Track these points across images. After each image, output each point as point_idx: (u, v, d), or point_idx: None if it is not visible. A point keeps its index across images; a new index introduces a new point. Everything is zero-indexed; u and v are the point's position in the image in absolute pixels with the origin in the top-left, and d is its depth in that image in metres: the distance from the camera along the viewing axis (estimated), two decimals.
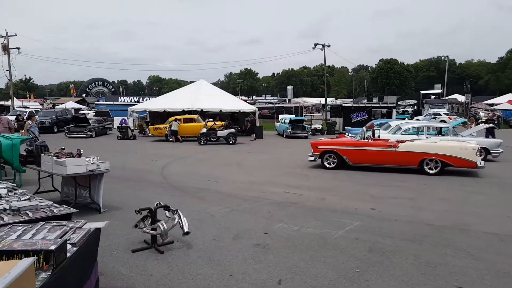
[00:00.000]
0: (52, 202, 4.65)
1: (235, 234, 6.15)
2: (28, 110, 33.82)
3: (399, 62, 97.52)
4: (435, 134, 15.11)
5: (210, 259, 5.11)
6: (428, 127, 15.54)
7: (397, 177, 11.47)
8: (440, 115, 34.77)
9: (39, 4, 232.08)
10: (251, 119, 26.37)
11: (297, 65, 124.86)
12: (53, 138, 24.59)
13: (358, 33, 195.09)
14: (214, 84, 60.98)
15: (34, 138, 11.43)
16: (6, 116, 14.10)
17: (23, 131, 13.76)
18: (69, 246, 3.06)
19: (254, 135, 24.65)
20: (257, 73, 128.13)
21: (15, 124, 16.23)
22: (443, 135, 14.90)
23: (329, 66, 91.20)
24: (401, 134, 14.83)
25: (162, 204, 5.83)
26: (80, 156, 7.19)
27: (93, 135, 26.40)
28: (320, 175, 11.80)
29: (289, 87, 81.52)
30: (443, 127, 15.80)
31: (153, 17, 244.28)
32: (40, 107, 47.81)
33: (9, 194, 5.08)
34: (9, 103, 42.40)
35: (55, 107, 46.53)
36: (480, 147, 12.49)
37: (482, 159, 12.06)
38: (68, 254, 2.96)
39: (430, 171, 11.73)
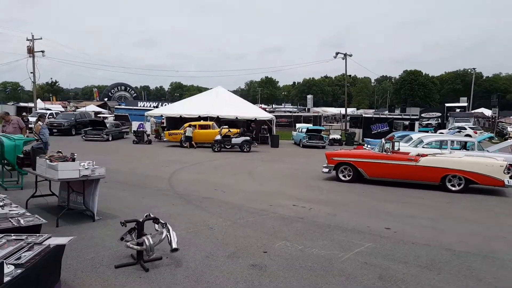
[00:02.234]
0: (25, 211, 4.24)
1: (231, 252, 5.59)
2: (41, 112, 34.35)
3: (423, 74, 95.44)
4: (459, 149, 14.22)
5: (198, 281, 4.57)
6: (452, 141, 14.65)
7: (417, 193, 10.70)
8: (465, 129, 33.41)
9: (70, 11, 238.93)
10: (255, 126, 25.66)
11: (319, 75, 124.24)
12: (70, 141, 24.72)
13: (382, 44, 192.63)
14: (234, 91, 60.97)
15: (39, 140, 11.16)
16: (17, 117, 13.90)
17: (33, 131, 13.60)
18: (10, 269, 2.58)
19: (256, 142, 23.10)
20: (277, 82, 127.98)
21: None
22: (468, 150, 14.01)
23: (350, 76, 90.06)
24: (423, 147, 14.01)
25: (151, 216, 5.33)
26: (73, 160, 6.79)
27: (110, 139, 26.43)
28: (334, 189, 11.14)
29: (309, 96, 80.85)
30: (468, 141, 14.89)
31: (177, 26, 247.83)
32: (62, 109, 48.56)
33: None
34: (32, 104, 43.23)
35: (76, 110, 47.15)
36: (509, 164, 11.56)
37: (510, 177, 11.14)
38: (7, 278, 2.48)
39: (453, 188, 10.91)
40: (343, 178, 12.22)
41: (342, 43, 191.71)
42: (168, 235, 5.00)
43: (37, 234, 3.35)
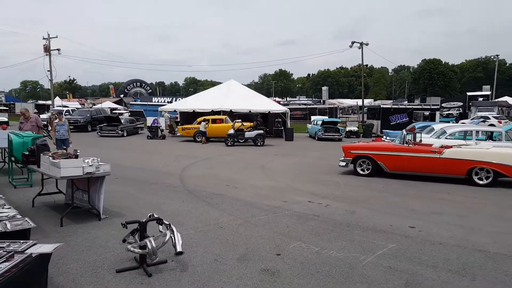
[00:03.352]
0: (16, 213, 3.90)
1: (242, 254, 5.16)
2: (57, 109, 34.58)
3: (443, 62, 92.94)
4: (485, 140, 13.46)
5: None
6: (477, 131, 13.87)
7: (442, 187, 10.08)
8: (489, 118, 32.15)
9: (87, 9, 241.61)
10: (259, 118, 25.07)
11: (334, 66, 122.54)
12: (86, 137, 24.74)
13: (399, 33, 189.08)
14: (248, 85, 60.38)
15: (47, 136, 10.97)
16: (35, 115, 13.75)
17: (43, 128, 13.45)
18: None
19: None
20: (292, 74, 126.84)
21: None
22: (495, 140, 13.26)
23: (367, 66, 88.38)
24: (446, 138, 13.31)
25: (155, 216, 4.93)
26: (76, 157, 6.46)
27: (125, 134, 26.38)
28: (352, 183, 10.60)
29: (324, 88, 79.73)
30: (495, 131, 14.10)
31: (191, 21, 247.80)
32: (79, 106, 48.98)
33: None
34: (49, 102, 43.67)
35: (93, 106, 47.47)
36: None
37: None
38: None
39: (480, 182, 10.25)
40: (361, 172, 11.66)
41: (358, 33, 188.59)
42: (172, 237, 4.60)
43: (21, 241, 2.98)
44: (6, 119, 30.28)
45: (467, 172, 10.33)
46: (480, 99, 44.35)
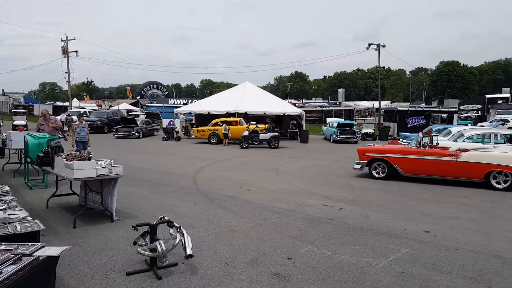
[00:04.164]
0: (26, 215, 3.94)
1: (253, 258, 5.12)
2: (74, 111, 35.21)
3: (461, 65, 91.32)
4: (504, 143, 13.11)
5: None
6: (496, 134, 13.52)
7: (459, 191, 9.86)
8: (508, 121, 31.37)
9: (106, 11, 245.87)
10: (268, 120, 24.89)
11: (350, 68, 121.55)
12: (102, 138, 25.09)
13: (417, 35, 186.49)
14: (263, 87, 60.42)
15: (62, 138, 11.11)
16: (55, 117, 13.99)
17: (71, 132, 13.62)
18: None
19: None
20: (308, 76, 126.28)
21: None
22: None
23: (384, 67, 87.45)
24: (464, 141, 13.02)
25: (165, 218, 4.94)
26: (90, 159, 6.53)
27: (140, 136, 26.66)
28: (367, 187, 10.45)
29: (340, 90, 79.17)
30: None
31: (208, 23, 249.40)
32: (96, 108, 49.73)
33: None
34: (67, 103, 44.49)
35: (110, 108, 48.16)
36: None
37: None
38: None
39: (498, 186, 9.99)
40: (376, 175, 11.50)
41: (375, 35, 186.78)
42: (183, 240, 4.60)
43: (30, 244, 3.00)
44: (24, 122, 30.82)
45: (484, 176, 10.08)
46: (500, 101, 43.29)
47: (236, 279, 4.48)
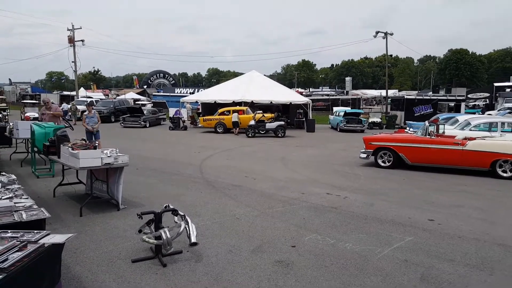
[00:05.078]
0: (32, 203, 4.00)
1: (257, 246, 5.18)
2: (80, 100, 35.38)
3: (470, 52, 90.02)
4: (511, 131, 12.99)
5: (217, 279, 4.20)
6: (503, 123, 13.38)
7: (464, 180, 9.82)
8: None
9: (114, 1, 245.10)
10: (278, 109, 24.82)
11: (358, 56, 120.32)
12: (109, 128, 25.19)
13: (425, 23, 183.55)
14: (270, 76, 60.09)
15: (69, 127, 11.11)
16: (56, 105, 13.91)
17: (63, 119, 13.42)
18: None
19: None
20: (315, 65, 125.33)
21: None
22: None
23: (391, 56, 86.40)
24: (470, 130, 12.91)
25: (170, 207, 5.00)
26: (95, 148, 6.59)
27: (147, 125, 26.76)
28: (372, 175, 10.44)
29: (347, 79, 78.57)
30: None
31: (217, 12, 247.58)
32: (103, 97, 49.90)
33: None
34: (74, 93, 44.69)
35: (116, 97, 48.30)
36: None
37: None
38: None
39: (504, 174, 9.94)
40: (382, 164, 11.48)
41: (383, 23, 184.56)
42: (187, 228, 4.65)
43: (35, 231, 3.06)
44: (36, 114, 30.43)
45: (490, 165, 10.03)
46: (508, 89, 42.63)
47: (240, 266, 4.54)
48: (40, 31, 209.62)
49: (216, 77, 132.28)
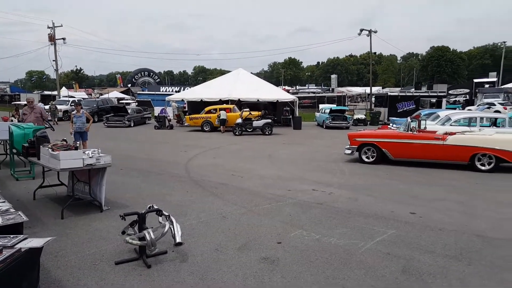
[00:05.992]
0: (9, 207, 3.94)
1: (243, 244, 5.21)
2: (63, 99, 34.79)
3: (451, 50, 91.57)
4: (489, 126, 13.30)
5: (202, 278, 4.21)
6: (482, 118, 13.72)
7: (445, 174, 10.03)
8: (494, 105, 31.61)
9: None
10: (265, 107, 24.89)
11: (343, 54, 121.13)
12: (92, 128, 24.72)
13: (408, 21, 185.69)
14: (257, 74, 60.04)
15: (49, 128, 10.83)
16: (39, 105, 13.58)
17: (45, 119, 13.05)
18: None
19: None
20: (301, 62, 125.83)
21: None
22: (499, 126, 13.08)
23: (375, 53, 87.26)
24: (451, 125, 13.17)
25: (154, 207, 4.98)
26: (76, 148, 6.50)
27: (132, 125, 26.45)
28: (357, 171, 10.57)
29: (333, 76, 79.11)
30: (499, 117, 13.90)
31: (204, 10, 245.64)
32: (86, 96, 49.16)
33: None
34: (55, 92, 43.90)
35: (100, 96, 47.66)
36: None
37: None
38: None
39: (483, 168, 10.20)
40: (366, 160, 11.62)
41: (368, 22, 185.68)
42: (172, 228, 4.66)
43: (11, 236, 3.01)
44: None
45: (470, 158, 10.29)
46: (487, 86, 43.47)
47: (226, 264, 4.56)
48: (20, 30, 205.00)
49: (203, 75, 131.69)
